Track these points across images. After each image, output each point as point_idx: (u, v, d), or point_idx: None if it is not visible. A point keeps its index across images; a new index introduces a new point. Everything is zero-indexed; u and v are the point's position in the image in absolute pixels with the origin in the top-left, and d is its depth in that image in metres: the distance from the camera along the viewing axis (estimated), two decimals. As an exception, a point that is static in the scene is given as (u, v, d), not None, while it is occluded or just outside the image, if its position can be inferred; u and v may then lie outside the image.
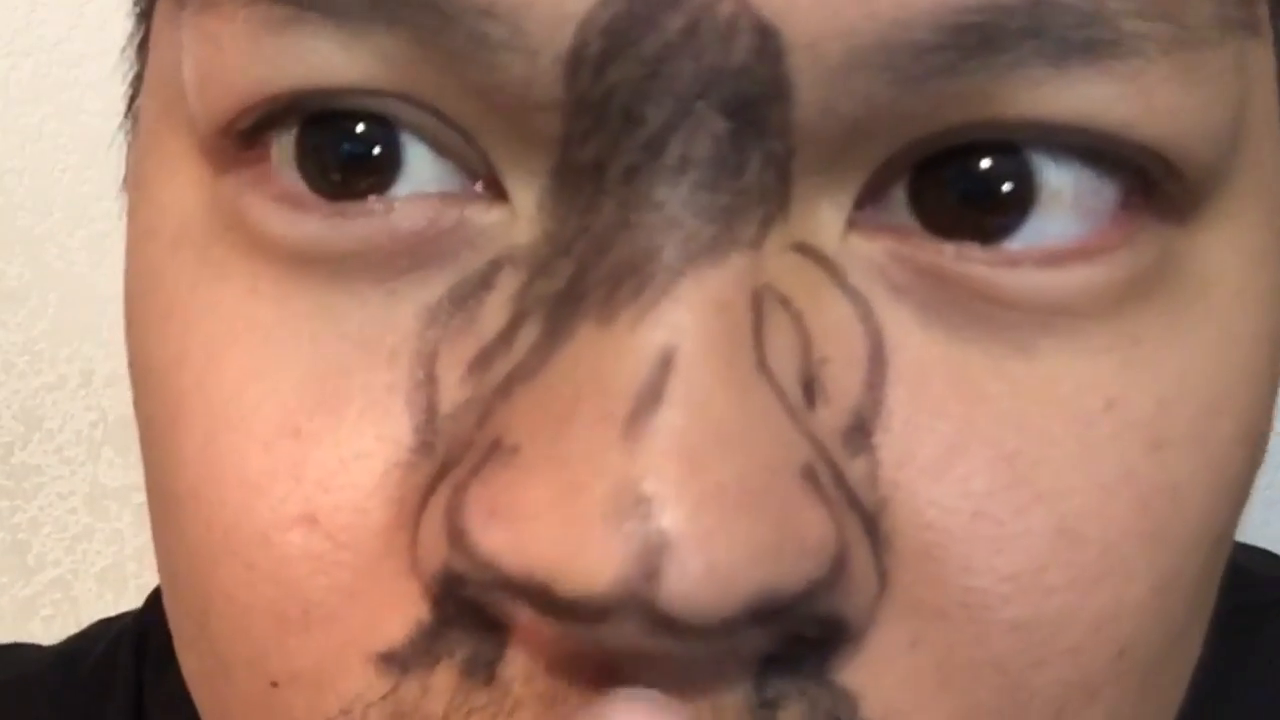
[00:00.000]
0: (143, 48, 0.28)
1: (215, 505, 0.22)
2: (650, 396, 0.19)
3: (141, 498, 0.29)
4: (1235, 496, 0.23)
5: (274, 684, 0.22)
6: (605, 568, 0.18)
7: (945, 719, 0.21)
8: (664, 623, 0.19)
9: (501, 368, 0.21)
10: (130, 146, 0.28)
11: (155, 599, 0.37)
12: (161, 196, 0.24)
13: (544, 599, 0.19)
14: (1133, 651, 0.22)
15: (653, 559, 0.18)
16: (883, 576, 0.21)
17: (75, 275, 0.74)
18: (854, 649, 0.21)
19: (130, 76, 0.30)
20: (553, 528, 0.19)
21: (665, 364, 0.19)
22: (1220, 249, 0.22)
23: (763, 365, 0.20)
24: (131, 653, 0.38)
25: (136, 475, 0.27)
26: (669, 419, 0.19)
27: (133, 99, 0.29)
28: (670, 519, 0.18)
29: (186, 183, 0.24)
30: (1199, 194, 0.22)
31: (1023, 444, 0.21)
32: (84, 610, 0.76)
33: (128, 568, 0.78)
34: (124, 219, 0.28)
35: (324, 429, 0.22)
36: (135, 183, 0.26)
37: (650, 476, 0.19)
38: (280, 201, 0.22)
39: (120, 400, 0.25)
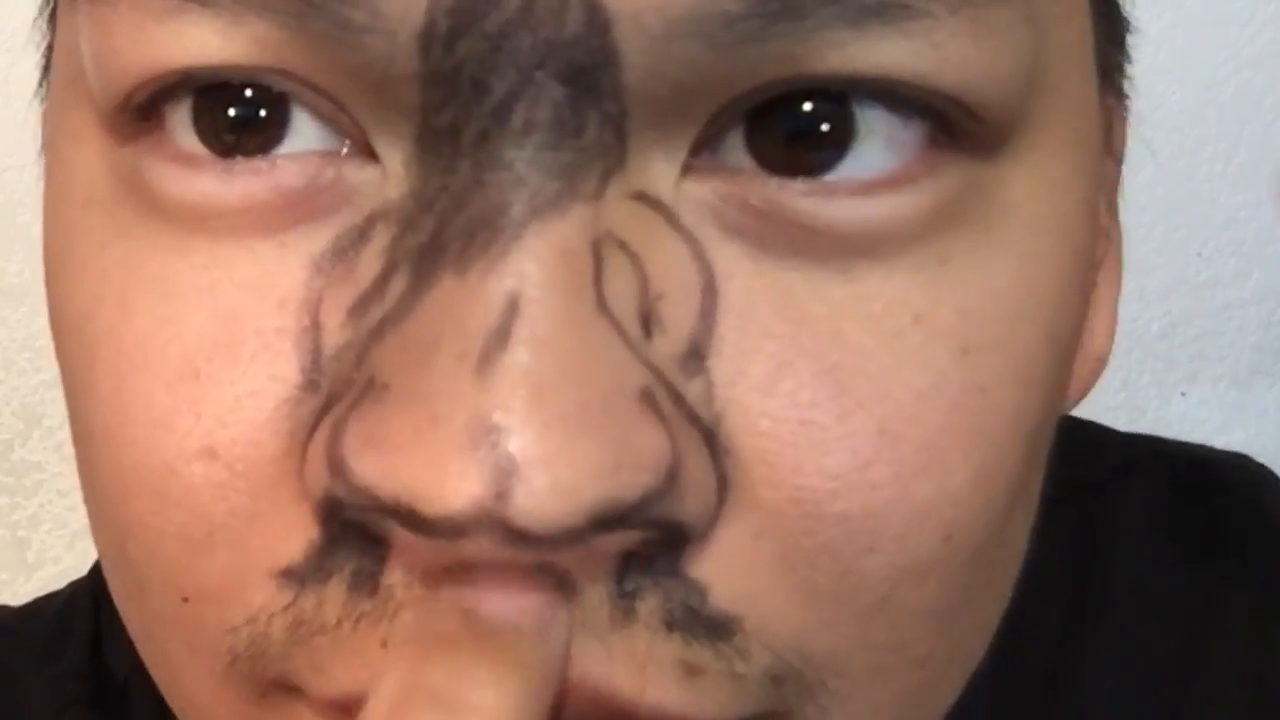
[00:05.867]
0: (53, 18, 0.30)
1: (126, 442, 0.25)
2: (499, 338, 0.21)
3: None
4: (1045, 395, 0.26)
5: (185, 599, 0.25)
6: (462, 490, 0.21)
7: (786, 600, 0.24)
8: (516, 535, 0.21)
9: (376, 313, 0.23)
10: (44, 113, 0.30)
11: None
12: (70, 163, 0.27)
13: (412, 519, 0.22)
14: (958, 536, 0.24)
15: (503, 480, 0.21)
16: (723, 481, 0.23)
17: (75, 272, 0.74)
18: (702, 545, 0.23)
19: (43, 46, 0.31)
20: (417, 456, 0.21)
21: (512, 308, 0.22)
22: (1023, 178, 0.25)
23: (602, 304, 0.22)
24: (89, 596, 0.41)
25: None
26: (515, 357, 0.21)
27: (46, 67, 0.31)
28: (517, 444, 0.21)
29: (91, 152, 0.26)
30: (999, 132, 0.24)
31: (842, 357, 0.24)
32: (84, 607, 0.76)
33: (127, 564, 0.78)
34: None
35: (220, 370, 0.24)
36: (49, 149, 0.28)
37: (499, 408, 0.21)
38: (175, 163, 0.24)
39: (120, 397, 0.26)
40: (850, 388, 0.24)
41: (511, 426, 0.21)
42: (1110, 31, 0.29)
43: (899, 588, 0.24)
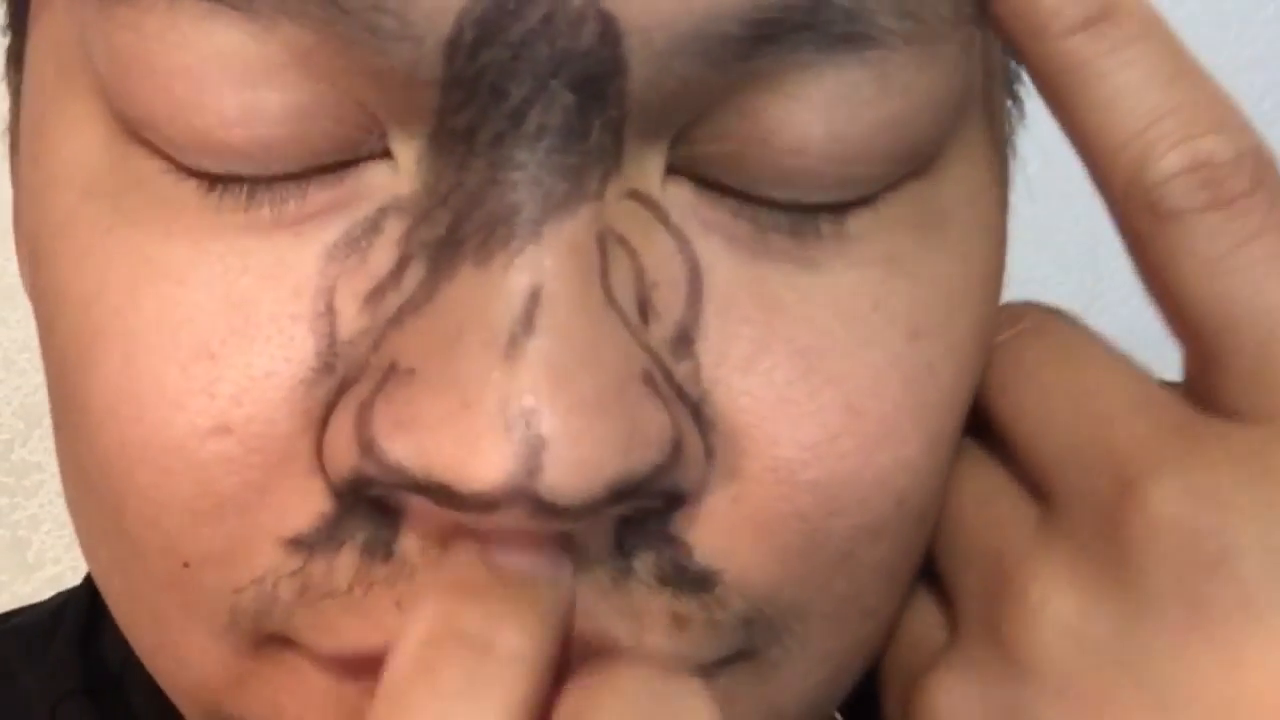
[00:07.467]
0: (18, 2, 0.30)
1: (131, 419, 0.25)
2: (524, 326, 0.23)
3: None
4: (974, 375, 0.29)
5: (186, 564, 0.26)
6: (496, 468, 0.23)
7: (759, 556, 0.26)
8: (544, 508, 0.23)
9: (393, 301, 0.25)
10: (15, 95, 0.31)
11: None
12: (64, 150, 0.27)
13: (444, 495, 0.23)
14: (910, 499, 0.27)
15: (533, 459, 0.23)
16: (710, 451, 0.25)
17: (75, 272, 0.74)
18: (688, 510, 0.25)
19: (3, 24, 0.31)
20: (450, 437, 0.23)
21: (534, 299, 0.23)
22: (954, 188, 0.28)
23: (609, 295, 0.24)
24: (86, 588, 0.42)
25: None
26: (540, 345, 0.23)
27: (10, 46, 0.31)
28: (547, 425, 0.23)
29: (92, 142, 0.27)
30: (934, 149, 0.27)
31: (812, 340, 0.26)
32: (84, 607, 0.76)
33: (128, 565, 0.78)
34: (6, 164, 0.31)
35: (236, 352, 0.25)
36: (34, 134, 0.29)
37: (528, 392, 0.23)
38: (191, 170, 0.25)
39: (121, 397, 0.26)
40: (819, 367, 0.26)
41: (541, 409, 0.23)
42: None
43: (858, 546, 0.27)
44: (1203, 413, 0.27)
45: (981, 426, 0.29)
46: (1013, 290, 0.31)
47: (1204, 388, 0.27)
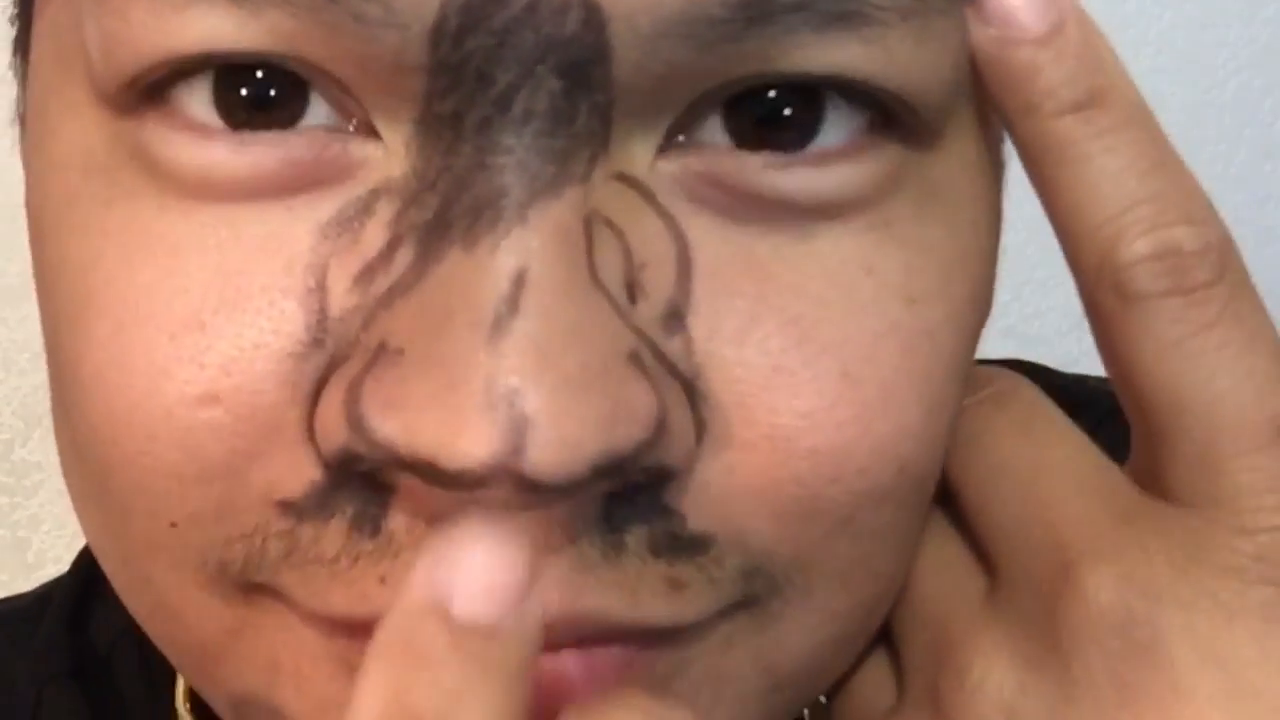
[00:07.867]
0: None
1: (121, 386, 0.26)
2: (509, 307, 0.23)
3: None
4: (971, 343, 0.29)
5: (173, 525, 0.26)
6: (481, 446, 0.23)
7: (756, 520, 0.26)
8: (528, 485, 0.23)
9: (383, 282, 0.25)
10: (21, 82, 0.31)
11: None
12: (64, 132, 0.28)
13: (431, 472, 0.23)
14: (910, 466, 0.27)
15: (518, 437, 0.23)
16: (701, 424, 0.26)
17: (75, 272, 0.74)
18: (682, 480, 0.26)
19: (12, 14, 0.32)
20: (437, 416, 0.23)
21: (520, 281, 0.24)
22: (949, 161, 0.28)
23: (595, 276, 0.24)
24: (73, 573, 0.42)
25: (137, 473, 0.27)
26: (525, 325, 0.23)
27: (18, 42, 0.32)
28: (531, 404, 0.23)
29: (87, 123, 0.27)
30: (931, 125, 0.27)
31: (805, 309, 0.26)
32: (84, 607, 0.76)
33: (128, 565, 0.78)
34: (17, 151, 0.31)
35: (226, 323, 0.25)
36: (37, 118, 0.29)
37: (513, 372, 0.23)
38: (186, 132, 0.26)
39: (121, 397, 0.26)
40: (814, 335, 0.26)
41: (525, 388, 0.23)
42: None
43: (859, 512, 0.27)
44: (1146, 495, 0.28)
45: (947, 493, 0.30)
46: (1013, 291, 0.31)
47: (1150, 470, 0.28)
